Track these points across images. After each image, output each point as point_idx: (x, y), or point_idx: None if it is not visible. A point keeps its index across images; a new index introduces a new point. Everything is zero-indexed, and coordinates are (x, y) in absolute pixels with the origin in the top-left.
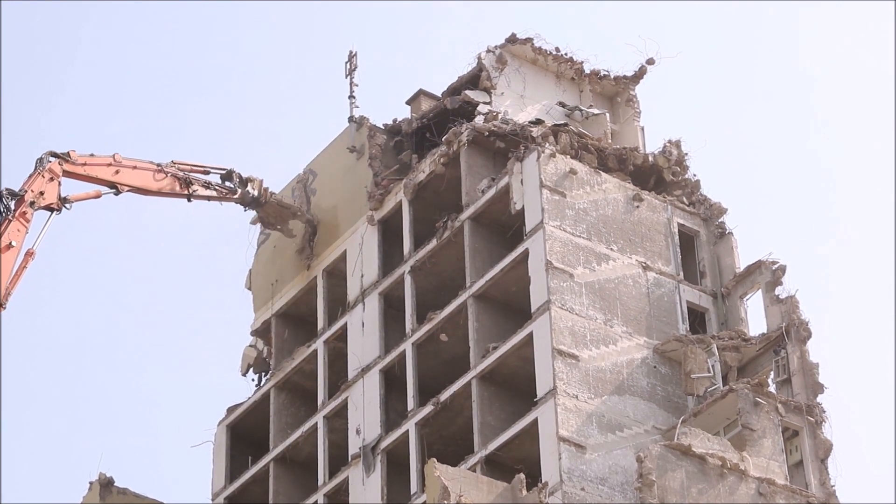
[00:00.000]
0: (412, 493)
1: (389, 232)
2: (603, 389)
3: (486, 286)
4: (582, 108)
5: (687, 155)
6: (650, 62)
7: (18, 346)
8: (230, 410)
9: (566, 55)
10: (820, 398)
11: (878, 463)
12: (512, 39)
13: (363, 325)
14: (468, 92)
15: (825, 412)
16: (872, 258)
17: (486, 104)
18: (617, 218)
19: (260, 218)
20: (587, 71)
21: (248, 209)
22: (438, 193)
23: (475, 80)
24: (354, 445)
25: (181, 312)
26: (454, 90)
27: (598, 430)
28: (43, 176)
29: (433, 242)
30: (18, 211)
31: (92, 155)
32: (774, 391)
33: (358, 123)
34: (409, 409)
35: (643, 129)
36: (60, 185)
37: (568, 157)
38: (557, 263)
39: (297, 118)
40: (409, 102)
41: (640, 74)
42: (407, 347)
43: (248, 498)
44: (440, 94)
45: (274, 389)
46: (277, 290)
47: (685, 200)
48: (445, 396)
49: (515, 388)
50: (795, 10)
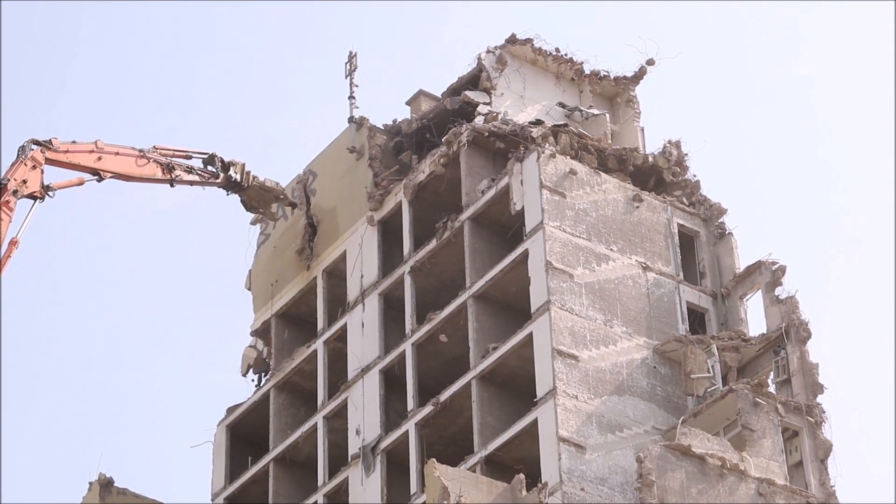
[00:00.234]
0: (412, 493)
1: (389, 232)
2: (603, 390)
3: (485, 286)
4: (582, 108)
5: (687, 155)
6: (650, 63)
7: (18, 346)
8: (230, 411)
9: (566, 56)
10: (820, 398)
11: (878, 463)
12: (512, 40)
13: (363, 325)
14: (468, 92)
15: (825, 412)
16: (872, 258)
17: (485, 105)
18: (617, 218)
19: (242, 202)
20: (587, 71)
21: (230, 193)
22: (438, 194)
23: (475, 80)
24: (354, 446)
25: (181, 313)
26: (454, 91)
27: (597, 430)
28: (25, 164)
29: (433, 243)
30: (2, 200)
31: (74, 142)
32: (774, 391)
33: (358, 124)
34: (408, 409)
35: (643, 129)
36: (43, 172)
37: (568, 157)
38: (557, 264)
39: (297, 118)
40: (408, 103)
41: (639, 75)
42: (407, 348)
43: (247, 498)
44: (440, 94)
45: (274, 390)
46: (277, 290)
47: (685, 201)
48: (445, 397)
49: (515, 388)
50: (795, 10)
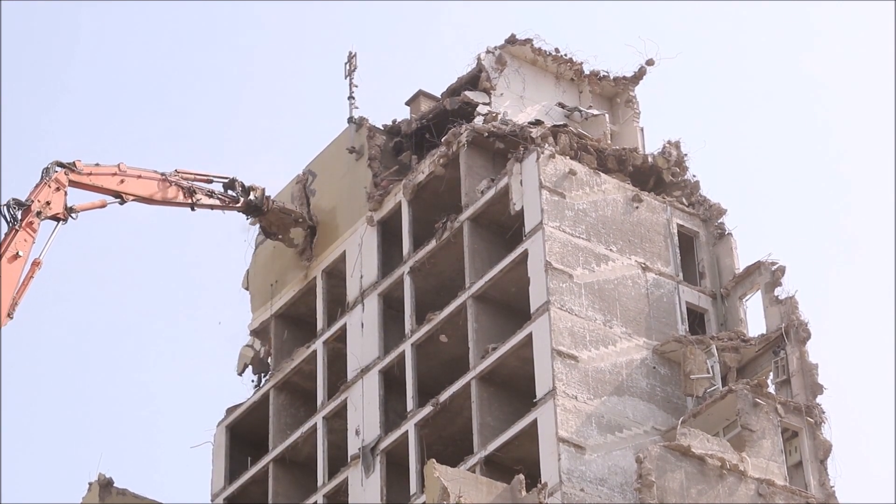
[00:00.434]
0: (412, 493)
1: (389, 233)
2: (602, 390)
3: (485, 287)
4: (581, 108)
5: (686, 156)
6: (650, 63)
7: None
8: (230, 411)
9: (566, 56)
10: (819, 399)
11: (877, 463)
12: (511, 40)
13: (362, 325)
14: (468, 93)
15: (824, 413)
16: (872, 259)
17: (485, 105)
18: (616, 219)
19: (262, 227)
20: (587, 72)
21: (250, 218)
22: (438, 194)
23: (475, 80)
24: (354, 446)
25: (181, 313)
26: (454, 91)
27: (597, 430)
28: (49, 186)
29: (432, 243)
30: (25, 221)
31: (97, 164)
32: (774, 392)
33: (357, 124)
34: (408, 409)
35: (642, 129)
36: (66, 194)
37: (567, 157)
38: (557, 264)
39: (296, 119)
40: (408, 103)
41: (639, 75)
42: (406, 348)
43: (247, 498)
44: (439, 94)
45: (273, 390)
46: (277, 290)
47: (684, 201)
48: (445, 397)
49: (515, 388)
50: (795, 10)
